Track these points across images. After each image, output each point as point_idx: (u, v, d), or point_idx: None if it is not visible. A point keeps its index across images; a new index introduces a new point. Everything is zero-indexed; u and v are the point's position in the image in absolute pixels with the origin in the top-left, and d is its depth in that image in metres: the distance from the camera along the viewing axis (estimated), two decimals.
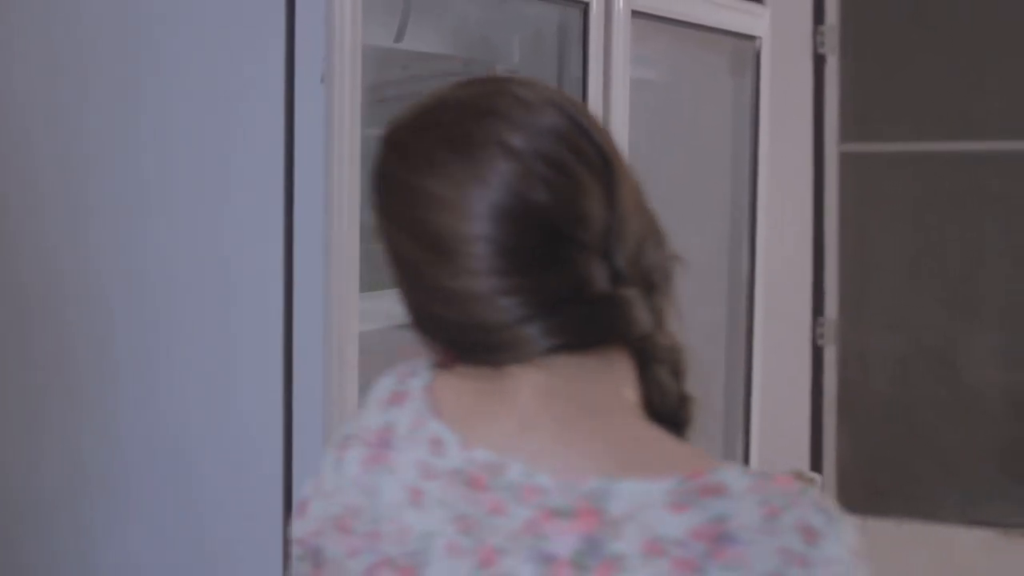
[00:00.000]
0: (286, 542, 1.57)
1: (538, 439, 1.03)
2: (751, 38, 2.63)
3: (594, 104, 2.02)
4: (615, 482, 0.99)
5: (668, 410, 1.08)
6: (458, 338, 1.06)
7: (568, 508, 0.99)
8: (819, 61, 3.69)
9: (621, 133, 2.09)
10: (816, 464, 3.59)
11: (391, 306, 1.85)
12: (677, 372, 1.10)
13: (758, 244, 2.67)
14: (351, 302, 1.56)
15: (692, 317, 2.59)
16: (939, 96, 3.80)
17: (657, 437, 1.04)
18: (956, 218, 3.70)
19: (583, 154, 1.07)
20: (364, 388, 1.97)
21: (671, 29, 2.38)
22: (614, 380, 1.06)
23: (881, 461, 3.72)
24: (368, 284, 1.72)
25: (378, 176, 1.11)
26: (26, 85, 1.73)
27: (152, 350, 1.68)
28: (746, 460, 2.65)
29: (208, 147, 1.62)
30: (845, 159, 3.69)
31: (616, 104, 2.06)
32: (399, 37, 1.76)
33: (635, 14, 2.13)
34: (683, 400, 1.09)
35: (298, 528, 1.11)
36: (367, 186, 1.57)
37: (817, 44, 3.69)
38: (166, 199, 1.66)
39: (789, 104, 2.93)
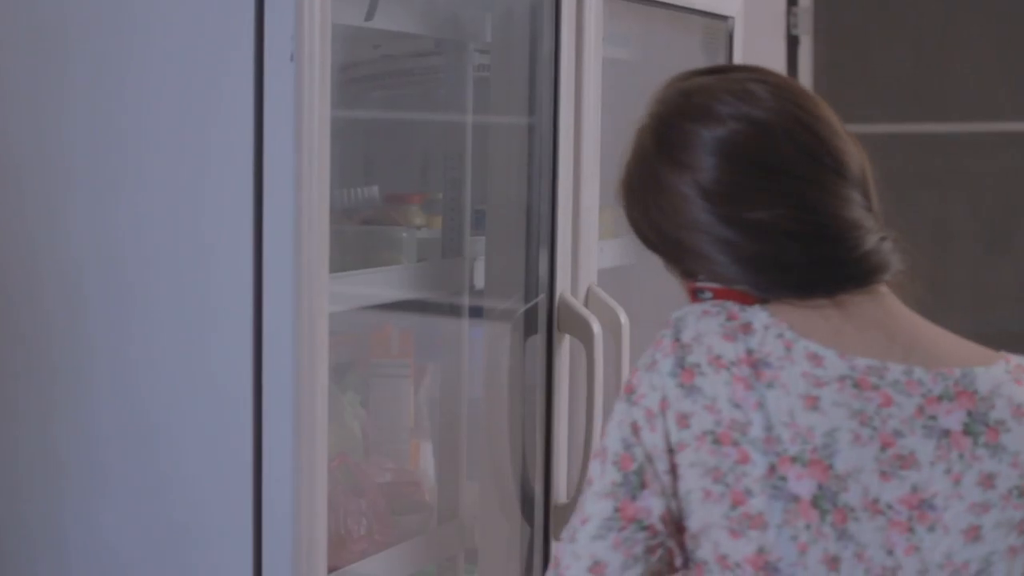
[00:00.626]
0: (257, 521, 1.58)
1: (900, 346, 1.31)
2: (724, 18, 2.62)
3: (566, 83, 2.01)
4: (971, 370, 1.30)
5: None
6: (778, 282, 1.32)
7: (948, 393, 1.28)
8: (792, 42, 3.70)
9: (593, 113, 2.08)
10: None
11: (360, 288, 1.85)
12: None
13: None
14: (321, 283, 1.55)
15: (658, 293, 2.59)
16: (910, 78, 3.81)
17: (952, 334, 1.35)
18: (926, 199, 3.72)
19: (826, 109, 1.38)
20: (335, 368, 1.97)
21: (644, 8, 2.37)
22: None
23: None
24: (337, 265, 1.71)
25: (685, 140, 1.34)
26: (4, 66, 1.72)
27: (124, 333, 1.66)
28: None
29: (176, 127, 1.60)
30: None
31: (588, 83, 2.06)
32: (369, 16, 1.75)
33: None
34: None
35: (640, 451, 1.28)
36: (338, 166, 1.58)
37: (790, 25, 3.69)
38: (137, 180, 1.64)
39: None
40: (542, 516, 2.04)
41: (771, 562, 1.23)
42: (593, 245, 2.10)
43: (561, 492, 2.05)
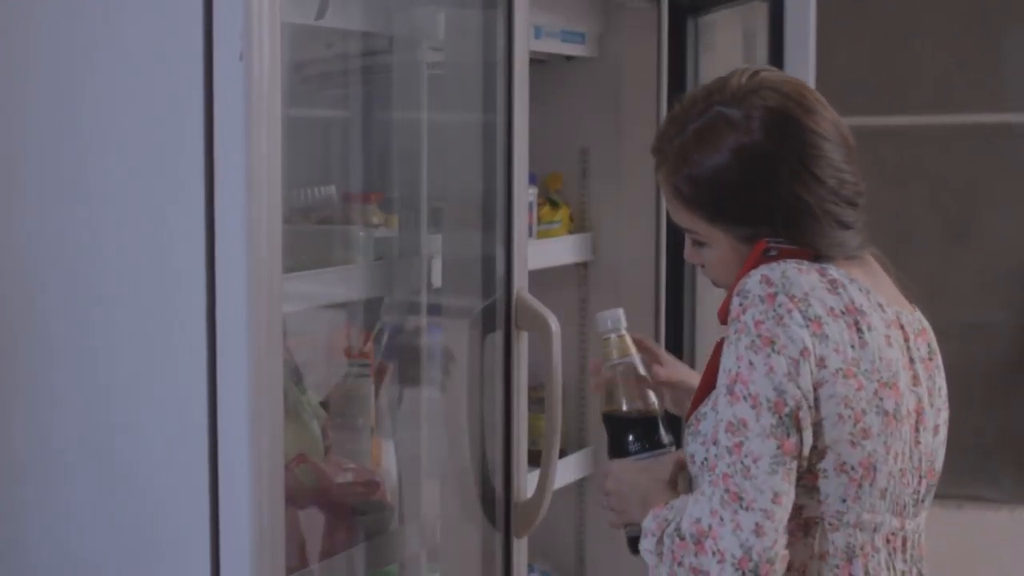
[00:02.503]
0: (214, 522, 1.57)
1: (899, 297, 1.73)
2: None
3: (520, 80, 2.00)
4: (916, 312, 1.75)
5: None
6: (839, 241, 1.66)
7: (918, 329, 1.71)
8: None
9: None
10: None
11: (317, 287, 1.85)
12: None
13: None
14: (274, 283, 1.55)
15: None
16: (868, 71, 3.82)
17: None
18: (885, 193, 3.73)
19: None
20: (294, 368, 1.96)
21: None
22: None
23: None
24: (294, 265, 1.71)
25: (807, 132, 1.65)
26: None
27: (81, 334, 1.66)
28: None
29: (125, 129, 1.60)
30: None
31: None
32: (320, 15, 1.74)
33: None
34: None
35: (790, 395, 1.56)
36: (293, 166, 1.57)
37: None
38: (89, 183, 1.64)
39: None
40: (503, 513, 2.04)
41: (872, 462, 1.61)
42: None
43: (522, 489, 2.05)
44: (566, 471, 2.50)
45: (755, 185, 1.64)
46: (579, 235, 2.64)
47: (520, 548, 2.06)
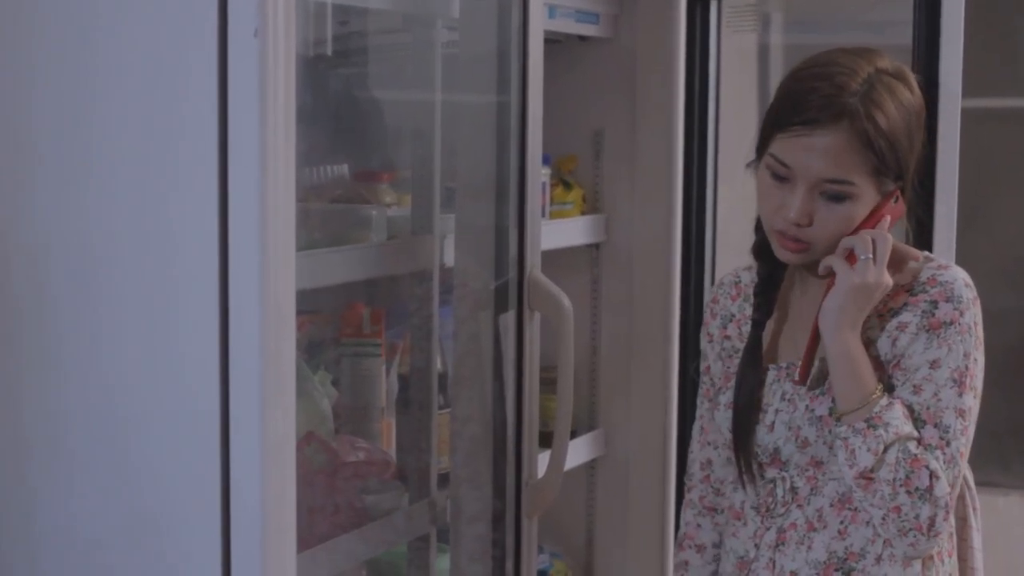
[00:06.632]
0: (225, 501, 1.57)
1: None
2: None
3: (535, 57, 2.00)
4: None
5: None
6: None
7: None
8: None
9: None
10: None
11: (330, 266, 1.84)
12: None
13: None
14: (287, 261, 1.54)
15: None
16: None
17: None
18: None
19: None
20: (306, 347, 1.96)
21: None
22: None
23: None
24: (307, 243, 1.70)
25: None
26: None
27: (91, 317, 1.65)
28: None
29: (140, 107, 1.59)
30: None
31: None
32: None
33: None
34: None
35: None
36: (306, 144, 1.56)
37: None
38: (102, 161, 1.63)
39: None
40: (514, 494, 2.04)
41: None
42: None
43: (533, 470, 2.05)
44: (576, 452, 2.50)
45: (917, 141, 1.82)
46: (592, 216, 2.64)
47: (531, 529, 2.06)
